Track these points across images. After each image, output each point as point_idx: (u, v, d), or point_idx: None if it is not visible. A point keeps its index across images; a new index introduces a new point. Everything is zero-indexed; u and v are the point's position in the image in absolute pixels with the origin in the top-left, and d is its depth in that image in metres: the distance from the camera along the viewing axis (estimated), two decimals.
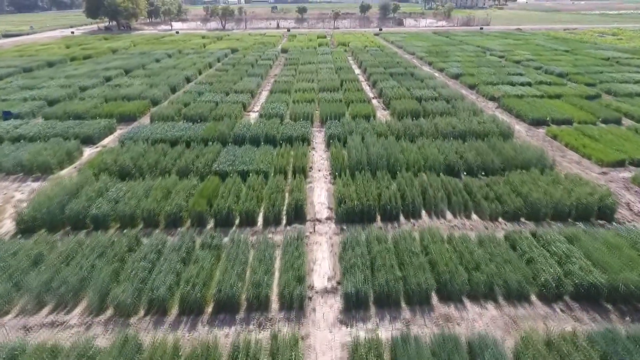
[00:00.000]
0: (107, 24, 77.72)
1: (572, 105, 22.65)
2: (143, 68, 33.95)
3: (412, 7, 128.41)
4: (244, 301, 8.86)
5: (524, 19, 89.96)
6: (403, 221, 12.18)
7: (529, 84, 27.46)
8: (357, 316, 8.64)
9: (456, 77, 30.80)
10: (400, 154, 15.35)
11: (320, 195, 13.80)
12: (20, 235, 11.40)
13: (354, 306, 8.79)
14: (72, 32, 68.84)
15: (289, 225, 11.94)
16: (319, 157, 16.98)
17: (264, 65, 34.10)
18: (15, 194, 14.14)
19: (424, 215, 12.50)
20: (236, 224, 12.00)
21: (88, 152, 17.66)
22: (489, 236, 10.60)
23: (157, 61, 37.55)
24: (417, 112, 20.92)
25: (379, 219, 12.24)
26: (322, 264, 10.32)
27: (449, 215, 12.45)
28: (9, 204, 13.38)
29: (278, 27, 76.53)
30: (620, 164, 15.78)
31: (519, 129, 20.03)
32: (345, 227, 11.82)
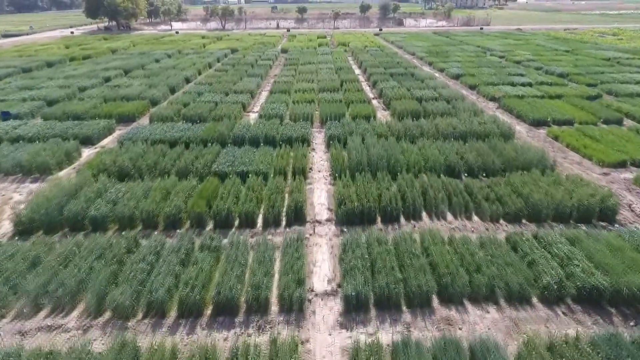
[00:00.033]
0: (106, 24, 77.67)
1: (573, 106, 22.56)
2: (142, 68, 33.87)
3: (412, 7, 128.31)
4: (243, 303, 8.77)
5: (524, 19, 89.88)
6: (403, 222, 12.10)
7: (530, 84, 27.38)
8: (357, 319, 8.55)
9: (456, 77, 30.70)
10: (401, 155, 15.28)
11: (320, 197, 13.72)
12: (18, 237, 11.34)
13: (354, 309, 8.70)
14: (72, 32, 68.78)
15: (288, 227, 11.86)
16: (318, 158, 16.90)
17: (263, 65, 34.02)
18: (14, 195, 14.06)
19: (425, 216, 12.42)
20: (235, 226, 11.92)
21: (87, 153, 17.58)
22: (490, 238, 10.52)
23: (157, 61, 37.47)
24: (417, 112, 20.84)
25: (379, 220, 12.16)
26: (322, 266, 10.24)
27: (449, 217, 12.37)
28: (7, 205, 13.29)
29: (278, 27, 76.46)
30: (622, 164, 15.70)
31: (520, 129, 19.95)
32: (345, 228, 11.74)
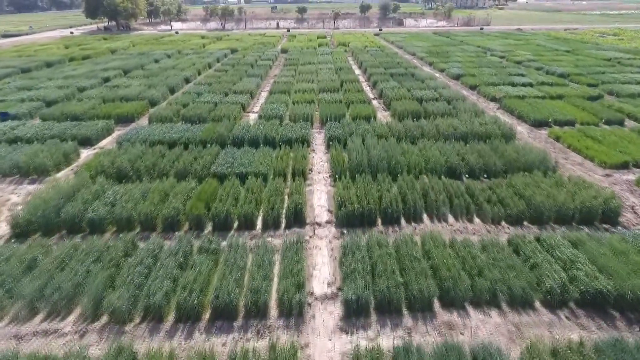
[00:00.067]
0: (106, 24, 77.58)
1: (574, 106, 22.44)
2: (142, 68, 33.76)
3: (412, 7, 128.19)
4: (242, 308, 8.66)
5: (525, 19, 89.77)
6: (404, 225, 11.99)
7: (531, 84, 27.26)
8: (357, 323, 8.43)
9: (457, 77, 30.59)
10: (401, 156, 15.16)
11: (320, 198, 13.60)
12: (15, 239, 11.21)
13: (354, 313, 8.59)
14: (72, 32, 68.69)
15: (288, 229, 11.74)
16: (318, 159, 16.78)
17: (263, 65, 33.90)
18: (11, 196, 13.95)
19: (426, 218, 12.30)
20: (235, 228, 11.80)
21: (85, 154, 17.47)
22: (491, 241, 10.40)
23: (156, 62, 37.36)
24: (418, 113, 20.73)
25: (379, 222, 12.04)
26: (322, 269, 10.12)
27: (450, 219, 12.25)
28: (4, 206, 13.17)
29: (278, 27, 76.35)
30: (624, 166, 15.58)
31: (521, 130, 19.83)
32: (345, 230, 11.63)
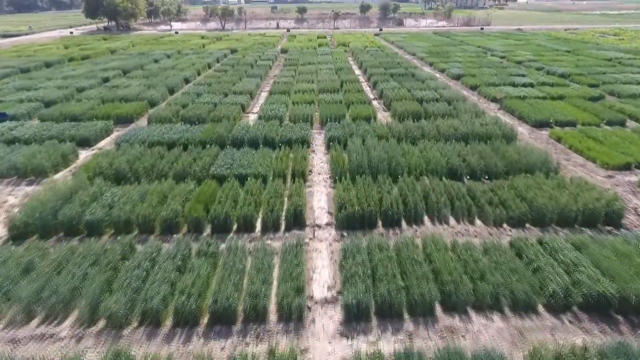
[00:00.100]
0: (106, 24, 77.48)
1: (575, 107, 22.33)
2: (141, 69, 33.65)
3: (412, 7, 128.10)
4: (241, 312, 8.54)
5: (525, 19, 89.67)
6: (405, 227, 11.87)
7: (531, 85, 27.15)
8: (358, 328, 8.32)
9: (457, 78, 30.48)
10: (402, 157, 15.05)
11: (320, 200, 13.49)
12: (12, 241, 11.09)
13: (354, 317, 8.47)
14: (71, 33, 68.58)
15: (288, 232, 11.63)
16: (318, 160, 16.67)
17: (263, 65, 33.79)
18: (8, 198, 13.83)
19: (427, 220, 12.19)
20: (234, 230, 11.69)
21: (84, 155, 17.36)
22: (494, 243, 10.29)
23: (156, 62, 37.25)
24: (418, 113, 20.62)
25: (380, 224, 11.92)
26: (322, 273, 10.01)
27: (452, 221, 12.14)
28: (1, 208, 13.06)
29: (278, 27, 76.24)
30: (626, 167, 15.46)
31: (522, 131, 19.72)
32: (345, 233, 11.52)
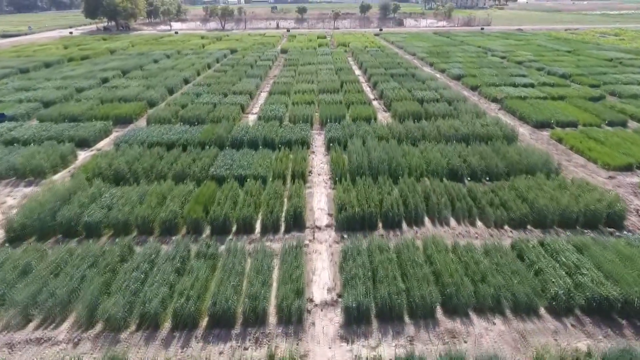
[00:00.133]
0: (105, 24, 77.38)
1: (576, 107, 22.24)
2: (141, 69, 33.56)
3: (412, 7, 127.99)
4: (240, 315, 8.46)
5: (525, 19, 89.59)
6: (405, 228, 11.79)
7: (532, 85, 27.07)
8: (358, 331, 8.24)
9: (458, 78, 30.40)
10: (402, 158, 14.97)
11: (320, 201, 13.41)
12: (9, 243, 11.00)
13: (355, 320, 8.39)
14: (71, 33, 68.49)
15: (287, 233, 11.55)
16: (318, 161, 16.58)
17: (263, 66, 33.71)
18: (7, 199, 13.75)
19: (427, 222, 12.11)
20: (233, 232, 11.61)
21: (83, 156, 17.28)
22: (495, 245, 10.21)
23: (155, 62, 37.16)
24: (418, 114, 20.55)
25: (380, 226, 11.84)
26: (322, 275, 9.93)
27: (452, 222, 12.06)
28: None
29: (278, 27, 76.16)
30: (628, 168, 15.37)
31: (523, 131, 19.63)
32: (345, 235, 11.43)
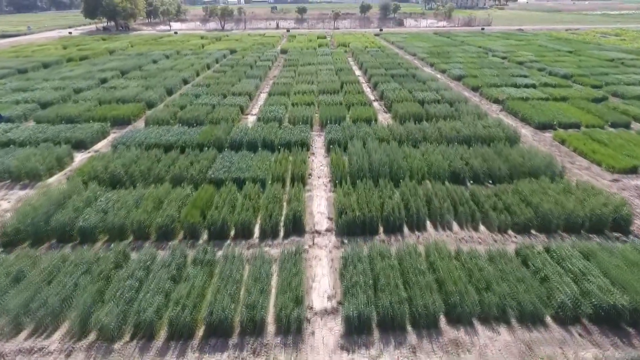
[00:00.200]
0: (105, 24, 77.15)
1: (578, 108, 21.99)
2: (140, 69, 33.30)
3: (413, 8, 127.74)
4: (238, 324, 8.22)
5: (525, 19, 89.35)
6: (407, 233, 11.55)
7: (534, 85, 26.82)
8: (359, 341, 8.00)
9: (458, 78, 30.15)
10: (403, 161, 14.73)
11: (319, 205, 13.17)
12: (2, 249, 10.76)
13: (355, 330, 8.15)
14: (70, 33, 68.24)
15: (286, 238, 11.31)
16: (318, 163, 16.34)
17: (262, 66, 33.46)
18: (1, 202, 13.50)
19: (429, 226, 11.87)
20: (231, 237, 11.37)
21: (79, 158, 17.03)
22: (499, 251, 9.98)
23: (155, 62, 36.91)
24: (419, 115, 20.31)
25: (381, 230, 11.60)
26: (322, 281, 9.69)
27: (455, 227, 11.81)
28: None
29: (277, 27, 75.92)
30: (633, 170, 15.13)
31: (525, 133, 19.39)
32: (346, 240, 11.19)
